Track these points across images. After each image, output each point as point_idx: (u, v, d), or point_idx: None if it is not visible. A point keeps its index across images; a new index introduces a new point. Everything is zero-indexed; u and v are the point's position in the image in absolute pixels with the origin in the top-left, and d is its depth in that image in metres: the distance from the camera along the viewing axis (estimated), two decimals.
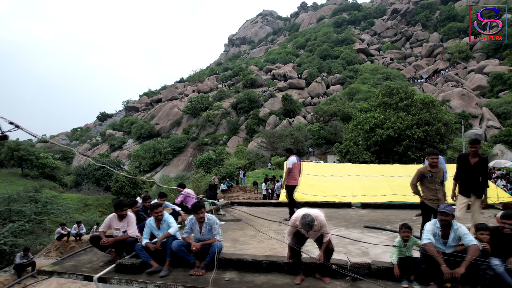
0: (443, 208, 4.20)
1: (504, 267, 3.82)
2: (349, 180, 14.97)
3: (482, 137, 47.90)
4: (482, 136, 48.26)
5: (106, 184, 51.89)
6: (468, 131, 49.17)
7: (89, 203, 37.72)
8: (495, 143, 44.64)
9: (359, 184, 14.25)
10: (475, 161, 5.44)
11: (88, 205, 36.48)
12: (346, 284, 4.36)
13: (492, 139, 45.93)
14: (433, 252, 3.97)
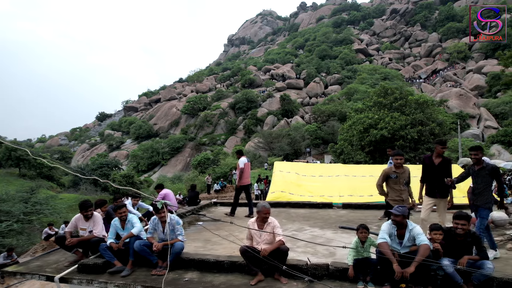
0: (396, 208, 4.22)
1: (454, 267, 3.83)
2: (338, 180, 14.95)
3: (479, 137, 47.85)
4: (480, 136, 48.20)
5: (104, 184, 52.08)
6: (465, 131, 49.11)
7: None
8: (492, 143, 44.52)
9: (347, 184, 14.23)
10: (439, 161, 5.44)
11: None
12: (303, 285, 4.37)
13: (489, 139, 45.80)
14: (387, 251, 3.98)
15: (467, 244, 4.04)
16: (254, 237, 4.71)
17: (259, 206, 4.73)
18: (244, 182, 8.57)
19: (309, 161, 42.44)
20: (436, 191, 5.44)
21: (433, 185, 5.47)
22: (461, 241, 4.07)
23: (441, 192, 5.43)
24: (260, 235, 4.66)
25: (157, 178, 53.47)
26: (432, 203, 5.46)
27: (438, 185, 5.44)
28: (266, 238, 4.63)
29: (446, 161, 5.47)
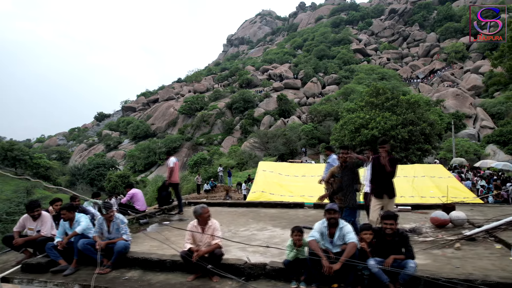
0: (330, 206, 4.24)
1: (379, 267, 3.84)
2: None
3: (475, 137, 47.74)
4: (476, 136, 48.10)
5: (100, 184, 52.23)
6: (461, 131, 49.01)
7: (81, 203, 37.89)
8: (488, 143, 44.44)
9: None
10: (387, 160, 5.43)
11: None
12: (237, 284, 4.40)
13: (485, 139, 45.75)
14: (315, 248, 4.01)
15: (395, 243, 4.05)
16: (195, 239, 4.74)
17: (199, 208, 4.76)
18: (174, 180, 9.12)
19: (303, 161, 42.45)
20: (383, 192, 5.43)
21: (379, 185, 5.46)
22: (390, 240, 4.08)
23: (388, 193, 5.41)
24: (201, 237, 4.69)
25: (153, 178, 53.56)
26: (380, 204, 5.45)
27: (385, 186, 5.43)
28: (207, 241, 4.67)
29: (393, 161, 5.45)
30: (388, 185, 5.46)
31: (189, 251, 4.49)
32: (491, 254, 5.16)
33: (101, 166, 55.63)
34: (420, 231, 6.58)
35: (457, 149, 40.80)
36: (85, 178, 54.09)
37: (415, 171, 15.13)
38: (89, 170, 54.60)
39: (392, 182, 5.51)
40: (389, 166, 5.36)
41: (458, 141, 43.20)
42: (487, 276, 3.89)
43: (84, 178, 54.10)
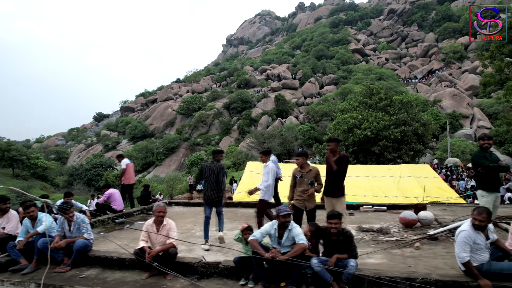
0: (285, 210, 4.28)
1: (321, 266, 3.90)
2: None
3: (472, 137, 47.71)
4: (472, 136, 48.07)
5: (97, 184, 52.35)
6: (458, 131, 49.02)
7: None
8: None
9: None
10: (334, 160, 5.47)
11: None
12: (189, 282, 4.48)
13: None
14: (255, 246, 4.08)
15: (340, 242, 4.12)
16: (151, 238, 4.81)
17: (154, 206, 4.84)
18: (128, 181, 9.35)
19: None
20: (330, 190, 5.46)
21: (327, 184, 5.50)
22: (335, 240, 4.14)
23: (336, 192, 5.43)
24: (156, 236, 4.77)
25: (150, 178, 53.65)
26: (329, 203, 5.49)
27: (332, 185, 5.45)
28: (161, 241, 4.74)
29: (339, 160, 5.46)
30: (334, 184, 5.45)
31: (141, 249, 4.56)
32: (447, 253, 5.22)
33: (98, 166, 55.74)
34: (386, 231, 6.64)
35: (454, 149, 40.78)
36: (83, 178, 54.19)
37: (402, 172, 15.18)
38: (86, 171, 54.70)
39: (339, 181, 5.48)
40: (334, 165, 5.40)
41: (455, 141, 43.20)
42: (428, 275, 3.95)
43: (82, 178, 54.19)
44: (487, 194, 5.19)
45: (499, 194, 5.35)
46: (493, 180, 5.22)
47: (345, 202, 5.54)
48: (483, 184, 5.24)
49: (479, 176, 5.32)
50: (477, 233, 3.87)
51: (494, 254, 4.03)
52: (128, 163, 9.65)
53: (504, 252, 4.04)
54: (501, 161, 5.44)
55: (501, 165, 5.27)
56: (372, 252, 5.47)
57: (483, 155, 5.27)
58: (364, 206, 9.45)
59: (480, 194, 5.29)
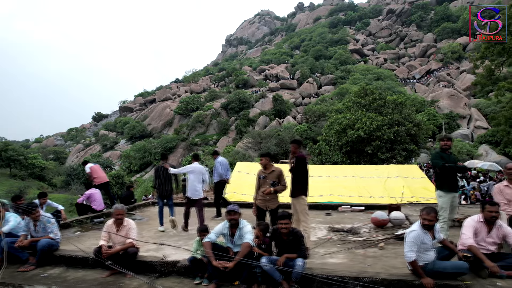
0: (230, 208, 4.37)
1: (269, 265, 3.97)
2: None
3: (469, 137, 47.74)
4: (469, 136, 48.10)
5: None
6: (455, 132, 49.00)
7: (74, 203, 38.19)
8: (481, 144, 44.45)
9: None
10: (292, 161, 5.52)
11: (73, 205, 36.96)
12: (146, 280, 4.56)
13: (478, 139, 45.76)
14: (207, 250, 4.15)
15: (290, 242, 4.18)
16: (112, 237, 4.89)
17: (113, 208, 4.92)
18: (99, 181, 9.57)
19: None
20: (292, 191, 5.52)
21: (291, 185, 5.56)
22: (286, 240, 4.21)
23: (295, 192, 5.48)
24: (116, 236, 4.84)
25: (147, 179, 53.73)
26: (292, 203, 5.55)
27: (293, 185, 5.50)
28: (121, 240, 4.81)
29: (297, 160, 5.51)
30: (294, 184, 5.49)
31: (99, 248, 4.63)
32: None
33: None
34: (356, 231, 6.70)
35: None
36: (80, 178, 54.18)
37: (389, 172, 15.23)
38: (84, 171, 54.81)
39: (298, 181, 5.49)
40: (291, 165, 5.48)
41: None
42: (377, 274, 4.02)
43: (79, 178, 54.19)
44: (444, 194, 5.25)
45: (456, 194, 5.40)
46: (450, 180, 5.27)
47: (305, 202, 5.55)
48: (440, 185, 5.30)
49: (437, 176, 5.38)
50: (425, 233, 3.94)
51: (441, 253, 4.10)
52: (91, 166, 9.89)
53: (451, 251, 4.11)
54: (459, 162, 5.50)
55: (458, 165, 5.34)
56: (336, 252, 5.54)
57: (440, 155, 5.33)
58: (343, 206, 9.52)
59: (438, 194, 5.35)
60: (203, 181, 7.52)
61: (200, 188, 7.42)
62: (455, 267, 3.84)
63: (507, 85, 20.45)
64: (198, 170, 7.53)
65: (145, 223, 8.63)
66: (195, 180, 7.30)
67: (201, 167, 7.74)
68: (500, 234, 4.11)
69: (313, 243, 6.15)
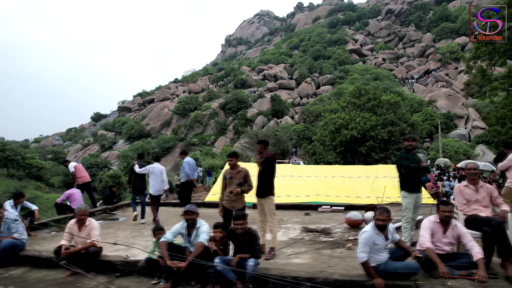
0: (188, 207, 4.38)
1: (221, 265, 3.97)
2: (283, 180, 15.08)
3: (466, 137, 47.69)
4: (466, 136, 48.04)
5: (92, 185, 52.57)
6: (452, 132, 48.98)
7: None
8: (478, 144, 44.44)
9: (288, 184, 14.37)
10: (260, 161, 5.50)
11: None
12: (108, 279, 4.56)
13: (475, 139, 45.74)
14: (162, 249, 4.16)
15: (245, 242, 4.18)
16: (74, 237, 4.89)
17: (76, 209, 4.93)
18: (82, 181, 9.76)
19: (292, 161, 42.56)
20: (258, 191, 5.50)
21: (258, 185, 5.53)
22: (241, 240, 4.21)
23: (263, 192, 5.46)
24: (78, 235, 4.84)
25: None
26: (259, 203, 5.52)
27: (261, 185, 5.48)
28: (83, 240, 4.82)
29: (265, 160, 5.48)
30: (262, 184, 5.48)
31: (59, 248, 4.64)
32: None
33: (94, 166, 55.81)
34: (328, 232, 6.70)
35: (447, 149, 40.76)
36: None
37: (378, 172, 15.21)
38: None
39: (265, 181, 5.46)
40: (260, 165, 5.45)
41: (448, 141, 43.18)
42: (331, 274, 4.01)
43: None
44: (408, 194, 5.24)
45: (420, 195, 5.39)
46: (414, 180, 5.26)
47: (273, 202, 5.54)
48: (404, 185, 5.29)
49: (402, 177, 5.37)
50: (378, 234, 3.93)
51: (396, 253, 4.09)
52: (75, 165, 9.88)
53: (406, 251, 4.10)
54: (422, 162, 5.49)
55: (422, 166, 5.33)
56: (303, 252, 5.53)
57: (405, 156, 5.32)
58: (323, 206, 9.51)
59: (402, 195, 5.34)
60: (163, 180, 8.37)
61: (160, 186, 8.30)
62: (406, 268, 3.83)
63: (500, 86, 20.41)
64: (158, 170, 8.39)
65: (124, 222, 8.64)
66: (155, 179, 8.21)
67: (161, 167, 8.56)
68: (455, 234, 4.09)
69: (283, 243, 6.16)
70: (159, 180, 8.26)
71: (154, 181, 8.23)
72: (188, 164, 8.92)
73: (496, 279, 3.84)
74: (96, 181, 49.66)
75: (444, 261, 4.00)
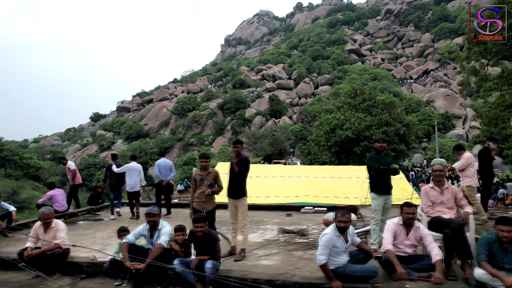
0: (148, 210, 4.37)
1: (179, 267, 3.96)
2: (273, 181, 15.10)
3: (463, 137, 47.63)
4: (464, 136, 47.98)
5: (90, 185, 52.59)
6: (450, 132, 48.93)
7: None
8: (476, 144, 44.35)
9: (278, 185, 14.37)
10: (235, 162, 5.48)
11: None
12: (73, 280, 4.56)
13: (473, 139, 45.66)
14: (123, 250, 4.16)
15: (205, 244, 4.17)
16: (40, 239, 4.88)
17: (39, 212, 4.92)
18: (78, 181, 10.07)
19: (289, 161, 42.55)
20: (231, 192, 5.48)
21: (230, 186, 5.52)
22: (202, 242, 4.20)
23: (235, 193, 5.44)
24: (43, 237, 4.84)
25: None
26: (232, 204, 5.50)
27: (232, 185, 5.46)
28: (48, 242, 4.81)
29: (241, 161, 5.47)
30: (236, 185, 5.48)
31: (23, 250, 4.63)
32: None
33: (92, 166, 55.93)
34: (304, 233, 6.68)
35: (444, 150, 40.72)
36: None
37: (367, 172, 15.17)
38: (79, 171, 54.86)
39: (240, 182, 5.46)
40: (236, 166, 5.42)
41: (446, 141, 43.12)
42: (291, 277, 4.00)
43: None
44: (377, 196, 5.22)
45: (389, 197, 5.37)
46: (383, 182, 5.25)
47: (246, 203, 5.55)
48: (374, 187, 5.28)
49: (371, 178, 5.35)
50: (338, 236, 3.92)
51: (358, 256, 4.08)
52: (75, 164, 10.14)
53: (367, 253, 4.08)
54: (392, 164, 5.47)
55: (392, 168, 5.31)
56: (273, 253, 5.51)
57: (375, 157, 5.30)
58: (306, 207, 9.49)
59: (372, 196, 5.33)
60: (140, 177, 9.09)
61: (137, 183, 8.99)
62: (364, 271, 3.82)
63: (493, 86, 20.37)
64: (133, 168, 9.09)
65: (105, 223, 8.63)
66: (132, 177, 8.92)
67: (137, 165, 9.27)
68: (418, 236, 4.08)
69: (258, 244, 6.15)
70: (136, 178, 8.94)
71: (131, 179, 8.87)
72: (158, 166, 9.07)
73: (455, 281, 3.83)
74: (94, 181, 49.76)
75: (406, 263, 3.99)
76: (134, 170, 9.07)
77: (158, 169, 9.03)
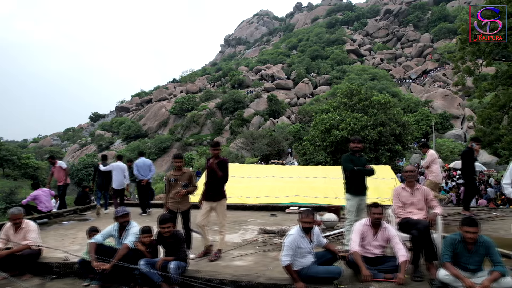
0: (116, 212, 4.36)
1: (148, 267, 3.95)
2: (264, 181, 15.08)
3: (461, 137, 47.55)
4: (462, 136, 47.91)
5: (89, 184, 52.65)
6: (448, 132, 48.84)
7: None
8: None
9: (268, 185, 14.35)
10: (214, 163, 5.45)
11: None
12: (41, 281, 4.55)
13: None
14: (91, 250, 4.16)
15: (172, 245, 4.16)
16: (10, 239, 4.87)
17: (8, 213, 4.91)
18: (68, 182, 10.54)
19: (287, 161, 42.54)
20: (211, 194, 5.45)
21: (209, 188, 5.48)
22: (169, 242, 4.19)
23: (215, 195, 5.42)
24: (13, 238, 4.84)
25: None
26: (208, 207, 5.45)
27: (213, 188, 5.45)
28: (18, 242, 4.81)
29: (220, 163, 5.46)
30: (217, 188, 5.46)
31: None
32: None
33: (90, 166, 55.88)
34: (283, 233, 6.65)
35: (442, 150, 40.62)
36: (74, 178, 54.40)
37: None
38: (78, 170, 54.89)
39: (221, 184, 5.47)
40: (218, 170, 5.36)
41: (444, 141, 43.03)
42: (256, 277, 3.99)
43: (73, 178, 54.42)
44: (352, 197, 5.20)
45: (364, 198, 5.35)
46: (357, 183, 5.23)
47: (225, 204, 5.57)
48: (348, 188, 5.25)
49: (346, 179, 5.33)
50: (302, 237, 3.90)
51: (324, 257, 4.06)
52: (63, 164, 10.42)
53: (334, 254, 4.07)
54: (367, 165, 5.45)
55: (366, 169, 5.29)
56: (248, 254, 5.50)
57: (350, 158, 5.27)
58: (291, 207, 9.46)
59: (346, 197, 5.30)
60: (124, 176, 9.59)
61: (122, 181, 9.51)
62: (328, 272, 3.80)
63: (488, 86, 20.36)
64: (119, 167, 9.62)
65: (90, 223, 8.61)
66: (117, 176, 9.45)
67: (122, 165, 9.77)
68: (385, 237, 4.06)
69: (235, 244, 6.14)
70: (121, 176, 9.50)
71: (116, 177, 9.43)
72: (136, 166, 9.25)
73: (421, 281, 3.82)
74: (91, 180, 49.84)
75: (373, 264, 3.97)
76: (119, 169, 9.61)
77: (136, 169, 9.14)
